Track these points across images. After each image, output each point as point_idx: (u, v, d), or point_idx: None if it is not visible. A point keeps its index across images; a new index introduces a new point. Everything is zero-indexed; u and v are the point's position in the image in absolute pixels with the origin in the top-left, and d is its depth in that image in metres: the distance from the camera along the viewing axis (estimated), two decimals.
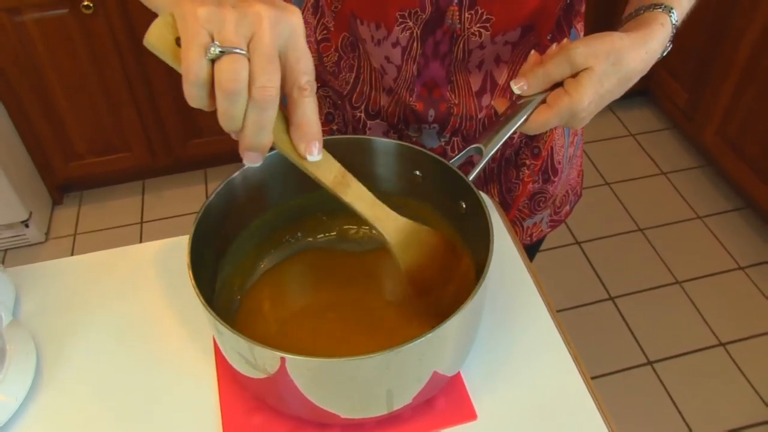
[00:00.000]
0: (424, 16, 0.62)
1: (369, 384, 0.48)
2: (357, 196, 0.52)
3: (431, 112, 0.69)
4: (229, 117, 0.40)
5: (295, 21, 0.41)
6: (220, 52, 0.39)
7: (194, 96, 0.40)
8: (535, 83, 0.56)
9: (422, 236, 0.57)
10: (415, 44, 0.64)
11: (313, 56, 0.49)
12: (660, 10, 0.58)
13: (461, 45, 0.64)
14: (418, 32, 0.63)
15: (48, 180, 2.05)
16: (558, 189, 0.84)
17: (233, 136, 0.43)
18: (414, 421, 0.56)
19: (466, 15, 0.61)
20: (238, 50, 0.39)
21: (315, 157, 0.45)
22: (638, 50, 0.56)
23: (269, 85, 0.39)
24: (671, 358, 1.68)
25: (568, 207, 0.90)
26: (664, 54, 0.60)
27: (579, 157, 0.88)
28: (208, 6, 0.39)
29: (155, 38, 0.41)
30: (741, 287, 1.84)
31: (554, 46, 0.57)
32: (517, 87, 0.57)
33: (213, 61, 0.39)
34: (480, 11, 0.61)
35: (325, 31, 0.70)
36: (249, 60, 0.39)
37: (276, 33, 0.40)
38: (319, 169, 0.48)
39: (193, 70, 0.39)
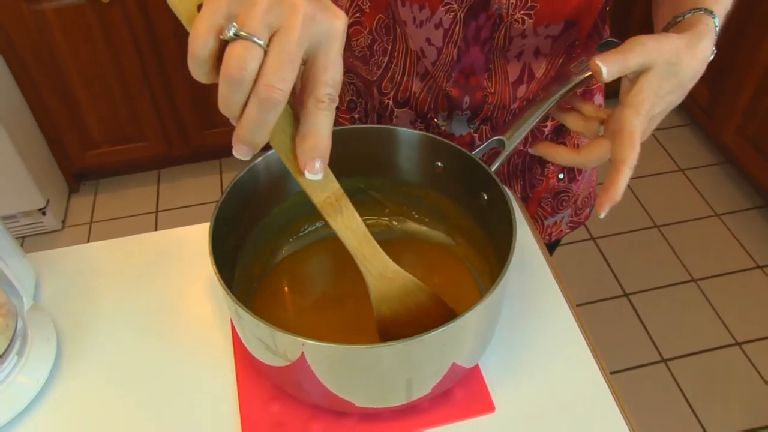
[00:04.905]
0: (470, 0, 0.61)
1: (388, 373, 0.48)
2: (347, 225, 0.47)
3: (466, 99, 0.69)
4: (226, 103, 0.37)
5: (336, 25, 0.38)
6: (235, 35, 0.36)
7: (193, 69, 0.38)
8: (615, 68, 0.52)
9: (409, 289, 0.53)
10: (457, 27, 0.64)
11: None
12: (702, 12, 0.56)
13: (503, 32, 0.63)
14: (462, 15, 0.63)
15: (65, 168, 2.06)
16: (581, 188, 0.84)
17: (232, 121, 0.40)
18: (431, 412, 0.56)
19: (512, 0, 0.61)
20: (255, 39, 0.36)
21: (314, 175, 0.41)
22: (694, 49, 0.54)
23: (278, 86, 0.36)
24: (686, 356, 1.66)
25: (588, 210, 0.89)
26: (711, 59, 0.57)
27: None
28: None
29: None
30: (759, 286, 1.82)
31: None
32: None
33: (227, 42, 0.36)
34: None
35: (358, 14, 0.70)
36: (265, 53, 0.36)
37: (307, 32, 0.37)
38: (311, 185, 0.44)
39: (197, 45, 0.36)
